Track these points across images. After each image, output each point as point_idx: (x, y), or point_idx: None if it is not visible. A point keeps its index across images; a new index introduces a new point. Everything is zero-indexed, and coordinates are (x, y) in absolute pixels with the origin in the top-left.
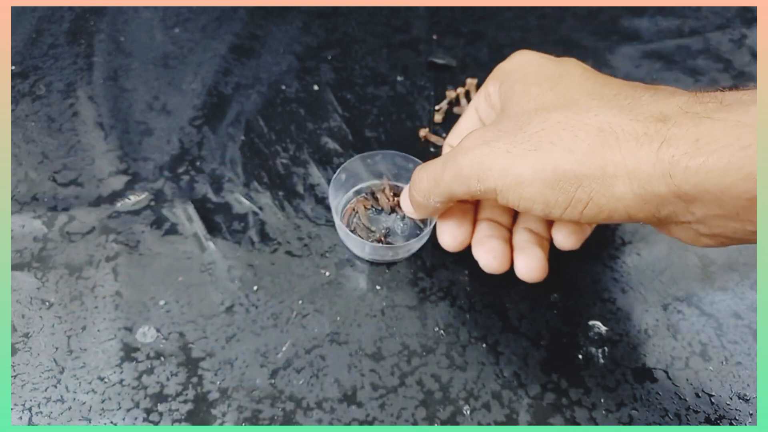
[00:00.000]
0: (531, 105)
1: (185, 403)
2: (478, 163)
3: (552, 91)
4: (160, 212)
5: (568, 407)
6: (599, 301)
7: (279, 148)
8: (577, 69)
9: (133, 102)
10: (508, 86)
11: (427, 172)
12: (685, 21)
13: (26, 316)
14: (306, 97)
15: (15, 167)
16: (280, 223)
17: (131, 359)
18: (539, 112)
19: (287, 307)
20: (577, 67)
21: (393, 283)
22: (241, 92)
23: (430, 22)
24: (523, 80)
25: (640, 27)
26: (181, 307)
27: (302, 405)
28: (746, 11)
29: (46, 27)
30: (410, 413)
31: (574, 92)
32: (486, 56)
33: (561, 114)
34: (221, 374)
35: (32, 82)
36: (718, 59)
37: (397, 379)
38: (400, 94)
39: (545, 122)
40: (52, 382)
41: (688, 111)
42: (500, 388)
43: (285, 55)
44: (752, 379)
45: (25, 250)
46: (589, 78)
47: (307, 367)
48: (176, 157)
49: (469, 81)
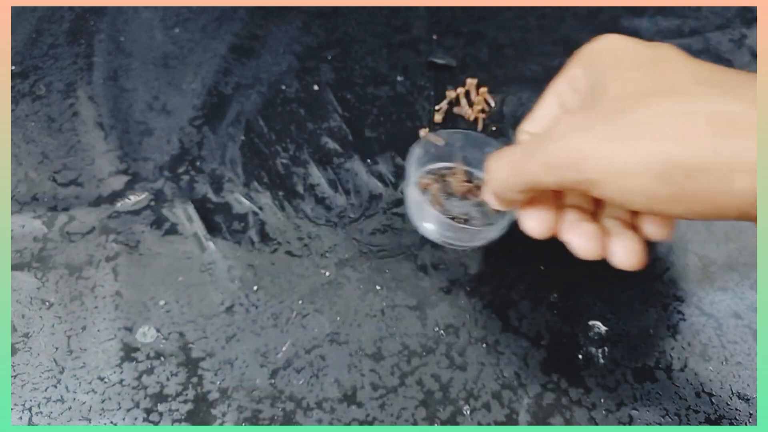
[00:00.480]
0: (630, 90)
1: (185, 403)
2: (576, 151)
3: (653, 75)
4: (160, 212)
5: (568, 407)
6: (599, 301)
7: (279, 148)
8: (676, 53)
9: (133, 102)
10: (598, 70)
11: (505, 159)
12: (685, 21)
13: (26, 316)
14: (306, 97)
15: (15, 167)
16: (280, 223)
17: (131, 359)
18: (643, 98)
19: (287, 307)
20: (675, 51)
21: (393, 283)
22: (241, 92)
23: (430, 22)
24: (615, 64)
25: (640, 27)
26: (181, 307)
27: (302, 405)
28: (746, 11)
29: (46, 27)
30: (410, 413)
31: (678, 77)
32: (486, 56)
33: (668, 100)
34: (221, 374)
35: (32, 82)
36: (719, 59)
37: (397, 379)
38: (400, 94)
39: (651, 108)
40: (52, 382)
41: None
42: (500, 388)
43: (285, 55)
44: (752, 379)
45: (25, 250)
46: (691, 63)
47: (307, 367)
48: (176, 157)
49: (469, 81)
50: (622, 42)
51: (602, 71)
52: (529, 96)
